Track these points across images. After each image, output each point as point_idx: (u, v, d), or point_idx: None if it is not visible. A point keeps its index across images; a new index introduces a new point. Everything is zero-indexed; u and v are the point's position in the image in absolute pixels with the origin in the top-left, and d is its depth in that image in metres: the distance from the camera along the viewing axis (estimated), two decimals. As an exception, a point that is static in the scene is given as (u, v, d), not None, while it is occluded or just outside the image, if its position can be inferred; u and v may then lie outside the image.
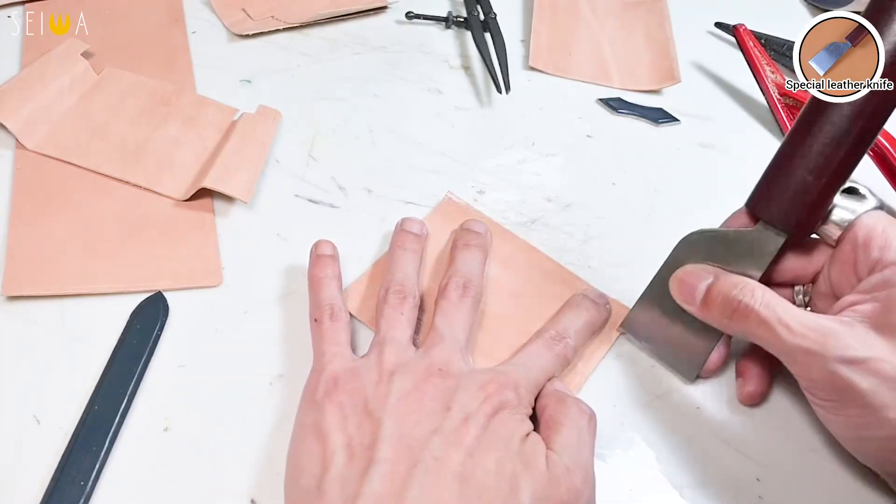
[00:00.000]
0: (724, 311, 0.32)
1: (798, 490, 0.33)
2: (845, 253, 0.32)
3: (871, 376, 0.28)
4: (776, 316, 0.30)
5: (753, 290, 0.31)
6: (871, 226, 0.31)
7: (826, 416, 0.31)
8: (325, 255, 0.37)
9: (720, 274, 0.33)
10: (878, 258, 0.31)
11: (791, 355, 0.30)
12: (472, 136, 0.49)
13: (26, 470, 0.31)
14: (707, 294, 0.32)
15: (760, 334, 0.30)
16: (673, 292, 0.34)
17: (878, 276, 0.30)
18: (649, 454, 0.34)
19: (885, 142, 0.44)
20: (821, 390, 0.30)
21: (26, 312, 0.36)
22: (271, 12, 0.55)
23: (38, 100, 0.45)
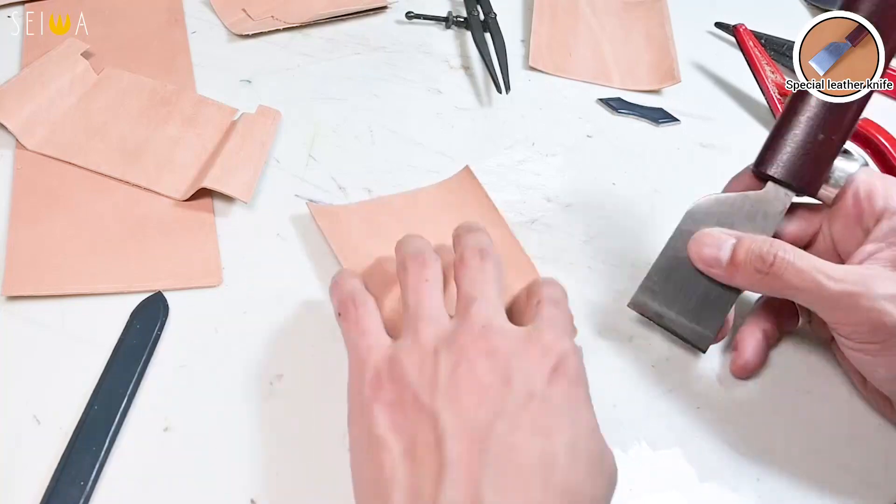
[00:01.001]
0: (759, 267, 0.32)
1: (798, 490, 0.33)
2: (847, 208, 0.33)
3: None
4: (813, 265, 0.31)
5: (783, 244, 0.32)
6: (868, 180, 0.33)
7: (869, 360, 0.32)
8: (343, 272, 0.35)
9: (741, 235, 0.33)
10: (883, 207, 0.32)
11: (834, 301, 0.30)
12: (472, 136, 0.49)
13: (26, 470, 0.31)
14: (734, 254, 0.33)
15: (799, 285, 0.31)
16: (693, 256, 0.34)
17: (887, 223, 0.32)
18: (649, 454, 0.34)
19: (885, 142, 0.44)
20: (864, 333, 0.31)
21: (26, 312, 0.36)
22: (271, 12, 0.55)
23: (38, 100, 0.45)
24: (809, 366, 0.37)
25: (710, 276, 0.34)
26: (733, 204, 0.34)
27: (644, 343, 0.38)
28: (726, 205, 0.34)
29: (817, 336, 0.38)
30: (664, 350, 0.38)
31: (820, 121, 0.32)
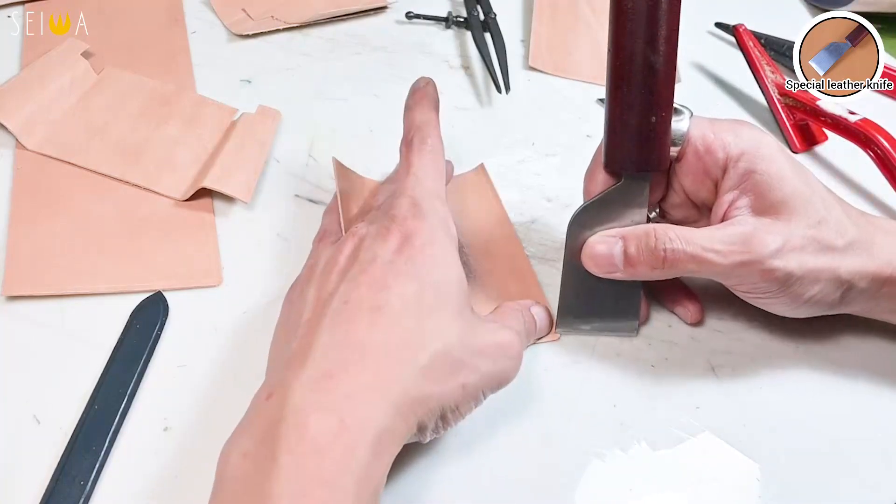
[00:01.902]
0: (652, 264, 0.33)
1: (798, 490, 0.33)
2: (692, 164, 0.35)
3: (791, 254, 0.32)
4: (700, 247, 0.32)
5: (666, 232, 0.33)
6: (702, 135, 0.34)
7: (769, 304, 0.35)
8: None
9: (624, 232, 0.34)
10: (724, 157, 0.34)
11: (729, 273, 0.33)
12: (472, 136, 0.49)
13: (26, 470, 0.31)
14: (626, 255, 0.34)
15: (694, 268, 0.33)
16: (590, 268, 0.35)
17: (733, 171, 0.34)
18: (649, 454, 0.34)
19: (885, 142, 0.44)
20: (762, 288, 0.33)
21: (26, 312, 0.36)
22: (271, 12, 0.55)
23: (38, 100, 0.45)
24: (809, 366, 0.37)
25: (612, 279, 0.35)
26: (602, 204, 0.35)
27: (644, 343, 0.38)
28: (596, 208, 0.35)
29: None
30: (664, 350, 0.38)
31: (647, 105, 0.33)
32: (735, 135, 0.34)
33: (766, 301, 0.34)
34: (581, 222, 0.36)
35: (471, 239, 0.41)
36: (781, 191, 0.33)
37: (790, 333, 0.38)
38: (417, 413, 0.27)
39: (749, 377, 0.37)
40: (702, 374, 0.37)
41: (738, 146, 0.34)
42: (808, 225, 0.32)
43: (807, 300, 0.33)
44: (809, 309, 0.34)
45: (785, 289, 0.33)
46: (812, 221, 0.33)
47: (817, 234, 0.32)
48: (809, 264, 0.32)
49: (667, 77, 0.33)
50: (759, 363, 0.37)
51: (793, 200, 0.33)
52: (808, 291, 0.33)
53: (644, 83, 0.33)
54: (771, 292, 0.33)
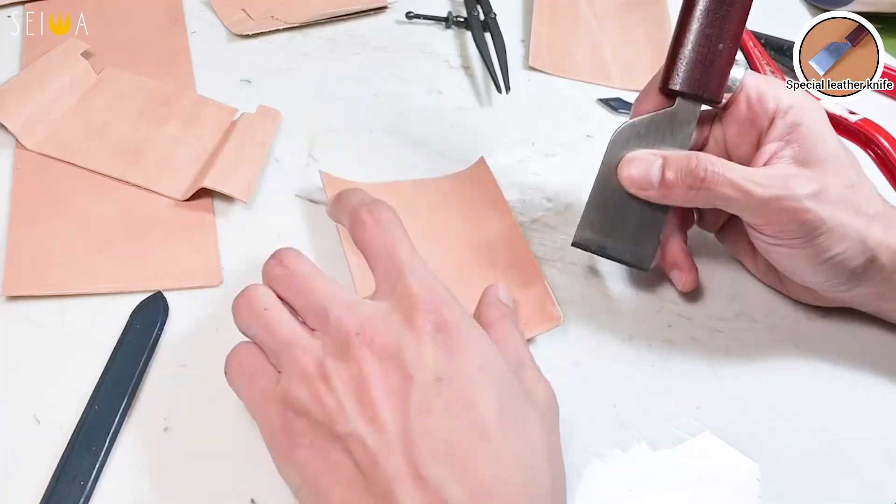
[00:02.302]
0: (690, 183, 0.33)
1: (798, 490, 0.33)
2: (741, 112, 0.35)
3: (827, 204, 0.33)
4: (742, 175, 0.33)
5: (708, 157, 0.33)
6: (755, 84, 0.35)
7: (791, 253, 0.34)
8: None
9: (665, 153, 0.35)
10: (775, 108, 0.34)
11: (766, 205, 0.33)
12: (472, 136, 0.49)
13: (26, 470, 0.31)
14: (664, 174, 0.34)
15: (730, 194, 0.33)
16: (625, 182, 0.35)
17: (781, 121, 0.34)
18: (649, 454, 0.34)
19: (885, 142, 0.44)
20: (789, 230, 0.33)
21: (26, 312, 0.36)
22: (271, 12, 0.55)
23: (38, 100, 0.45)
24: (809, 366, 0.37)
25: (643, 198, 0.35)
26: (649, 124, 0.35)
27: (644, 343, 0.38)
28: (643, 127, 0.36)
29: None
30: (664, 350, 0.38)
31: (717, 31, 0.34)
32: (786, 91, 0.35)
33: (789, 251, 0.34)
34: (624, 138, 0.36)
35: (476, 235, 0.41)
36: (824, 148, 0.34)
37: (790, 334, 0.38)
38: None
39: (749, 377, 0.37)
40: (702, 374, 0.37)
41: (788, 99, 0.34)
42: (844, 185, 0.33)
43: (829, 258, 0.34)
44: (828, 273, 0.34)
45: (812, 238, 0.33)
46: (847, 184, 0.33)
47: (851, 195, 0.33)
48: (841, 219, 0.33)
49: (742, 12, 0.34)
50: (759, 363, 0.37)
51: (832, 160, 0.33)
52: (833, 247, 0.33)
53: (719, 9, 0.34)
54: (797, 239, 0.33)
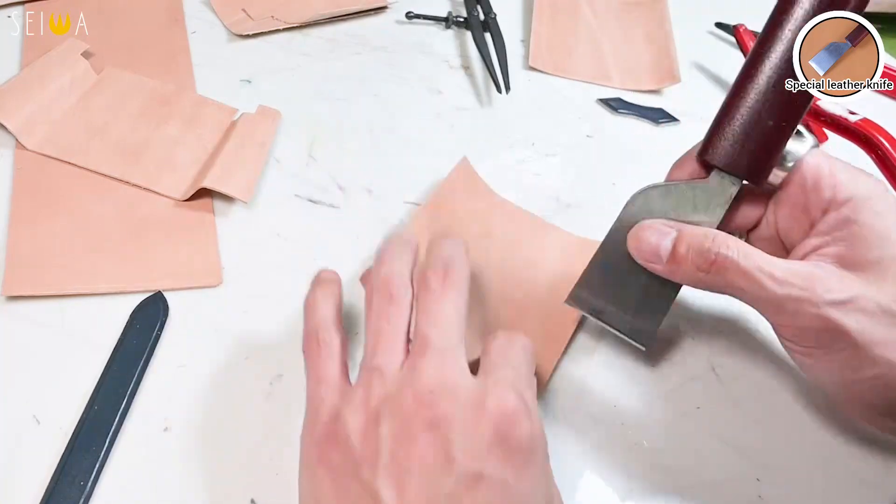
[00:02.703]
0: (699, 265, 0.30)
1: (798, 490, 0.33)
2: (794, 195, 0.31)
3: (857, 314, 0.28)
4: (757, 265, 0.29)
5: (726, 240, 0.30)
6: (817, 166, 0.31)
7: (814, 365, 0.30)
8: (321, 280, 0.33)
9: (682, 227, 0.31)
10: (830, 198, 0.30)
11: (779, 304, 0.29)
12: (472, 136, 0.49)
13: (26, 470, 0.31)
14: (675, 249, 0.31)
15: (742, 285, 0.29)
16: (633, 251, 0.32)
17: (834, 215, 0.30)
18: (649, 454, 0.34)
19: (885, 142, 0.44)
20: (809, 337, 0.29)
21: (26, 312, 0.36)
22: (271, 12, 0.55)
23: (38, 100, 0.45)
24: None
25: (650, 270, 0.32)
26: (677, 193, 0.32)
27: (644, 343, 0.38)
28: (670, 194, 0.32)
29: None
30: (664, 350, 0.38)
31: (770, 105, 0.30)
32: (851, 178, 0.30)
33: (810, 361, 0.30)
34: (644, 202, 0.32)
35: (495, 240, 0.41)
36: (880, 250, 0.29)
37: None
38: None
39: (749, 377, 0.37)
40: (702, 374, 0.37)
41: (848, 190, 0.30)
42: (895, 297, 0.28)
43: (856, 381, 0.29)
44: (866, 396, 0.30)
45: (834, 351, 0.29)
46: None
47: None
48: (875, 335, 0.28)
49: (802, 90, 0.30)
50: (759, 363, 0.37)
51: (888, 266, 0.29)
52: (862, 369, 0.28)
53: (778, 81, 0.30)
54: (818, 349, 0.29)
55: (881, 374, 0.28)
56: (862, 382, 0.29)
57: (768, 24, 0.30)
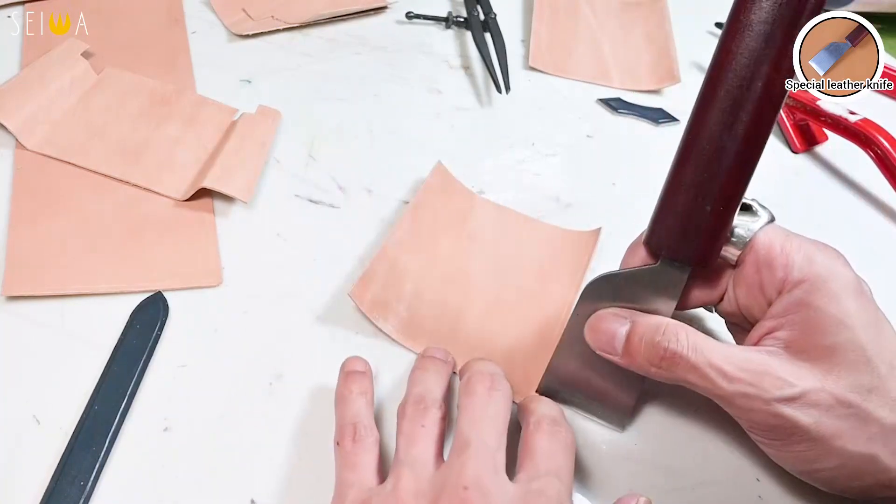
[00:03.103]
0: (650, 359, 0.29)
1: (798, 490, 0.33)
2: (749, 275, 0.31)
3: (810, 409, 0.27)
4: (707, 361, 0.28)
5: (677, 332, 0.29)
6: (769, 244, 0.30)
7: (776, 455, 0.30)
8: (354, 372, 0.33)
9: (636, 317, 0.31)
10: (783, 278, 0.29)
11: (730, 400, 0.28)
12: (472, 136, 0.49)
13: (26, 470, 0.31)
14: (628, 341, 0.30)
15: (693, 381, 0.29)
16: (590, 342, 0.32)
17: (787, 297, 0.29)
18: (650, 454, 0.34)
19: (885, 142, 0.44)
20: (765, 431, 0.29)
21: (26, 312, 0.36)
22: (271, 12, 0.55)
23: (38, 100, 0.45)
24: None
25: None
26: (631, 279, 0.31)
27: (644, 343, 0.38)
28: (624, 281, 0.31)
29: None
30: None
31: (704, 191, 0.28)
32: (806, 258, 0.29)
33: (773, 451, 0.30)
34: (600, 290, 0.32)
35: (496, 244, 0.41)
36: (834, 337, 0.28)
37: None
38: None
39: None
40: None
41: (802, 272, 0.29)
42: (851, 387, 0.27)
43: (815, 471, 0.29)
44: (831, 485, 0.29)
45: (789, 444, 0.28)
46: (859, 384, 0.27)
47: (859, 399, 0.27)
48: (831, 428, 0.27)
49: (738, 168, 0.28)
50: (759, 363, 0.37)
51: (844, 353, 0.27)
52: (819, 461, 0.28)
53: (708, 164, 0.28)
54: (777, 441, 0.29)
55: (842, 464, 0.28)
56: (824, 472, 0.29)
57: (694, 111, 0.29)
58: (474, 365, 0.33)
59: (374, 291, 0.37)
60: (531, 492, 0.27)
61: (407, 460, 0.29)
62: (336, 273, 0.39)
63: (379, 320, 0.36)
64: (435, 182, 0.43)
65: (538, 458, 0.29)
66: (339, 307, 0.38)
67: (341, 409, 0.32)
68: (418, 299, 0.38)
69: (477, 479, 0.27)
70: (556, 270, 0.40)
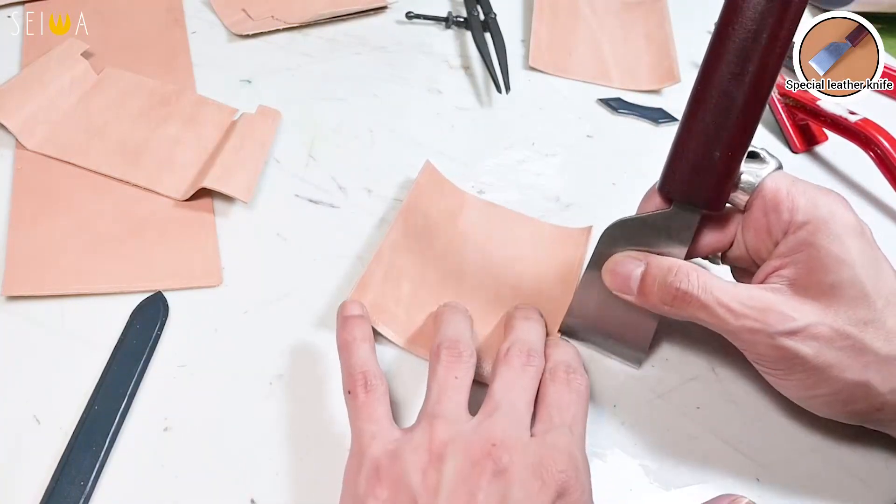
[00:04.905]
0: (663, 298, 0.32)
1: (798, 490, 0.33)
2: (757, 219, 0.32)
3: (811, 341, 0.29)
4: (715, 299, 0.30)
5: (688, 273, 0.31)
6: (776, 189, 0.32)
7: (777, 382, 0.33)
8: (352, 316, 0.34)
9: (650, 259, 0.33)
10: (788, 220, 0.31)
11: (736, 335, 0.31)
12: (472, 136, 0.49)
13: (26, 470, 0.31)
14: (642, 281, 0.32)
15: (702, 317, 0.31)
16: (607, 283, 0.34)
17: (792, 237, 0.31)
18: (650, 454, 0.34)
19: (885, 142, 0.44)
20: (769, 361, 0.31)
21: (26, 312, 0.36)
22: (271, 12, 0.55)
23: (38, 100, 0.45)
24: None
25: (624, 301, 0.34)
26: (646, 224, 0.33)
27: (644, 343, 0.38)
28: (639, 226, 0.33)
29: None
30: (664, 351, 0.38)
31: (713, 137, 0.30)
32: (811, 201, 0.31)
33: (775, 379, 0.32)
34: (616, 235, 0.34)
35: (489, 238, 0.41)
36: (836, 275, 0.29)
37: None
38: None
39: (749, 377, 0.37)
40: (702, 374, 0.37)
41: (806, 214, 0.31)
42: (850, 320, 0.29)
43: (815, 397, 0.31)
44: (826, 409, 0.32)
45: (791, 373, 0.31)
46: (857, 318, 0.29)
47: (857, 332, 0.29)
48: (830, 358, 0.29)
49: (745, 116, 0.30)
50: (759, 363, 0.37)
51: (844, 289, 0.29)
52: (818, 387, 0.30)
53: (717, 113, 0.30)
54: (780, 370, 0.31)
55: (838, 391, 0.30)
56: (820, 398, 0.31)
57: (704, 62, 0.30)
58: (517, 329, 0.34)
59: (372, 296, 0.37)
60: (545, 445, 0.29)
61: (439, 412, 0.30)
62: (336, 273, 0.39)
63: (378, 325, 0.36)
64: (424, 182, 0.43)
65: (553, 410, 0.31)
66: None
67: (346, 356, 0.33)
68: (416, 300, 0.38)
69: (504, 437, 0.29)
70: (551, 268, 0.40)
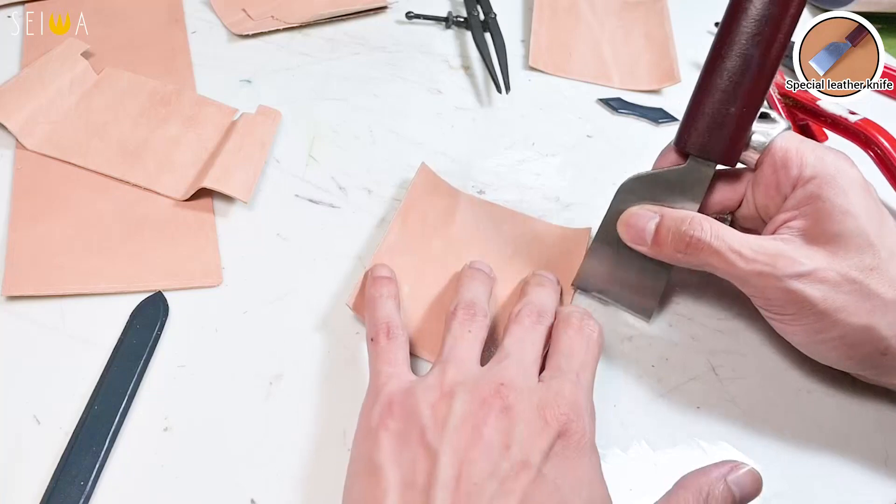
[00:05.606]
0: (676, 247, 0.33)
1: (799, 490, 0.33)
2: (767, 175, 0.34)
3: (819, 284, 0.31)
4: (727, 245, 0.32)
5: (701, 222, 0.33)
6: (785, 147, 0.33)
7: (784, 328, 0.34)
8: (381, 277, 0.36)
9: (665, 211, 0.35)
10: (797, 175, 0.33)
11: (747, 280, 0.32)
12: (472, 136, 0.49)
13: (26, 470, 0.31)
14: (657, 232, 0.34)
15: (715, 264, 0.33)
16: (622, 235, 0.36)
17: (801, 191, 0.33)
18: (649, 454, 0.34)
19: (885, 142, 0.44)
20: (777, 306, 0.32)
21: (26, 312, 0.36)
22: (271, 12, 0.55)
23: (38, 100, 0.45)
24: (810, 365, 0.37)
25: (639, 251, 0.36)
26: (661, 179, 0.35)
27: (644, 343, 0.38)
28: (654, 180, 0.35)
29: None
30: (664, 350, 0.38)
31: (730, 95, 0.33)
32: (817, 157, 0.33)
33: (783, 325, 0.34)
34: (631, 190, 0.36)
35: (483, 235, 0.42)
36: (842, 224, 0.31)
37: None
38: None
39: (749, 377, 0.37)
40: (702, 374, 0.37)
41: (814, 169, 0.33)
42: (856, 266, 0.31)
43: (823, 340, 0.32)
44: (833, 353, 0.33)
45: (801, 316, 0.32)
46: (863, 265, 0.31)
47: (862, 277, 0.31)
48: (837, 302, 0.31)
49: (759, 75, 0.32)
50: (759, 363, 0.37)
51: (849, 238, 0.31)
52: (827, 330, 0.32)
53: (733, 71, 0.32)
54: (788, 315, 0.32)
55: (844, 335, 0.31)
56: (827, 342, 0.32)
57: (724, 23, 0.32)
58: (531, 293, 0.36)
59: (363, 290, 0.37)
60: (550, 390, 0.30)
61: (451, 358, 0.32)
62: (336, 273, 0.39)
63: None
64: (420, 183, 0.43)
65: (561, 358, 0.32)
66: (339, 307, 0.38)
67: (372, 309, 0.35)
68: (415, 302, 0.38)
69: (512, 379, 0.30)
70: (550, 267, 0.40)
